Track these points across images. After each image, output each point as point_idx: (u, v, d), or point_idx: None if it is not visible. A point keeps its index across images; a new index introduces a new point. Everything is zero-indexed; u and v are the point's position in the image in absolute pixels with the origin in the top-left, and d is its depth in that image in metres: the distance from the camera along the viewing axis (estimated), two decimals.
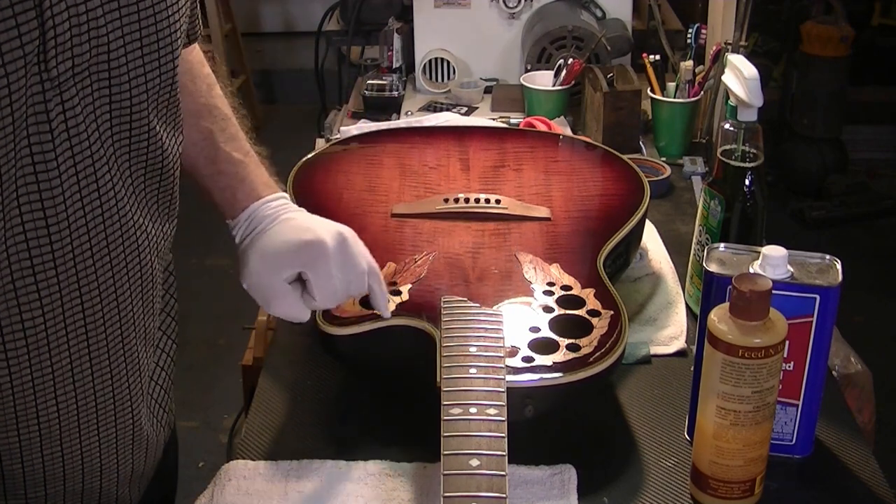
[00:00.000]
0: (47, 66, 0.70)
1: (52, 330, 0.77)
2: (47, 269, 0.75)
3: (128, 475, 0.91)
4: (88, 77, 0.74)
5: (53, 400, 0.80)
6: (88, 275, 0.78)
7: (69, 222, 0.75)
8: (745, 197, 1.16)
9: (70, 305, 0.78)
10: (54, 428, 0.81)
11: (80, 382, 0.81)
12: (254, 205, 0.98)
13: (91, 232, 0.77)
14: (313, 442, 1.05)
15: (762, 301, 0.87)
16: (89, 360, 0.81)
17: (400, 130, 1.55)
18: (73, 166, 0.74)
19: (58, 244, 0.75)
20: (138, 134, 0.81)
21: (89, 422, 0.84)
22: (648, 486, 0.98)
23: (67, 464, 0.84)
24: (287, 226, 0.97)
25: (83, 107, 0.74)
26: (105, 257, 0.79)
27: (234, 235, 0.99)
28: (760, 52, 3.55)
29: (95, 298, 0.79)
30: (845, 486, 0.99)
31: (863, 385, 1.82)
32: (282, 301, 0.94)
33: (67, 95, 0.73)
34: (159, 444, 0.96)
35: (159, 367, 0.96)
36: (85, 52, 0.72)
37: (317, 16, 2.63)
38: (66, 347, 0.79)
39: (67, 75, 0.72)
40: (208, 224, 1.02)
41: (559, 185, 1.31)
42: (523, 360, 0.97)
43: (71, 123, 0.73)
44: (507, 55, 2.07)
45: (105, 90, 0.76)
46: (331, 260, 0.93)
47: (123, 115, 0.79)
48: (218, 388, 2.71)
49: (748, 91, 1.16)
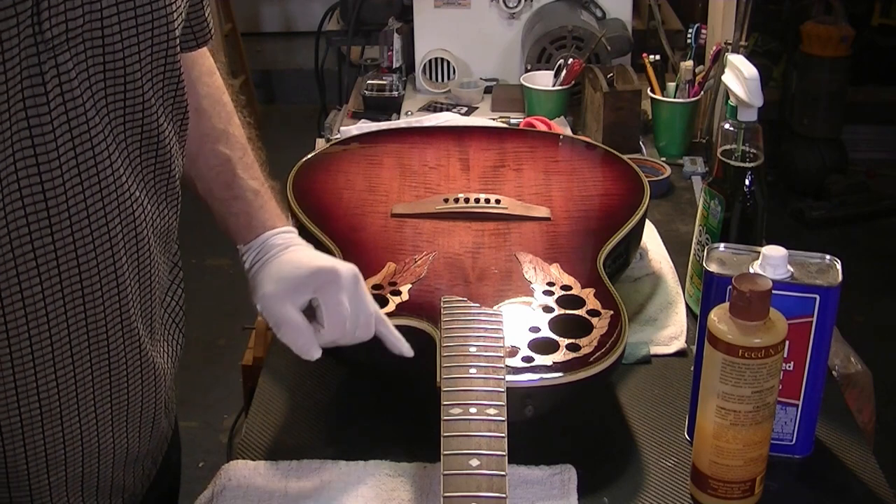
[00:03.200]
0: (41, 27, 0.71)
1: (51, 300, 0.78)
2: (44, 237, 0.76)
3: (123, 456, 0.91)
4: (83, 43, 0.75)
5: (53, 375, 0.80)
6: (86, 244, 0.79)
7: (66, 188, 0.76)
8: (745, 197, 1.16)
9: (68, 275, 0.78)
10: (54, 405, 0.82)
11: (79, 357, 0.82)
12: (266, 233, 1.01)
13: (88, 200, 0.78)
14: (313, 442, 1.05)
15: (762, 301, 0.87)
16: (87, 335, 0.82)
17: (400, 130, 1.55)
18: (69, 130, 0.75)
19: (54, 210, 0.76)
20: (133, 104, 0.81)
21: (86, 398, 0.84)
22: (648, 486, 0.98)
23: (69, 445, 0.85)
24: (300, 254, 0.99)
25: (78, 72, 0.75)
26: (103, 227, 0.80)
27: (244, 261, 1.01)
28: (760, 52, 3.55)
29: (93, 269, 0.80)
30: (845, 486, 0.99)
31: (863, 385, 1.82)
32: (293, 329, 0.94)
33: (62, 59, 0.73)
34: (156, 426, 0.96)
35: (166, 353, 0.96)
36: (78, 16, 0.73)
37: (317, 16, 2.63)
38: (63, 319, 0.79)
39: (61, 38, 0.73)
40: (208, 224, 1.02)
41: (559, 185, 1.31)
42: (523, 360, 0.97)
43: (66, 87, 0.74)
44: (507, 55, 2.07)
45: (99, 56, 0.77)
46: (343, 288, 0.95)
47: (118, 84, 0.79)
48: (218, 388, 2.71)
49: (748, 91, 1.16)
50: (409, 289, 1.07)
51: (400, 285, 1.08)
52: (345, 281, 0.95)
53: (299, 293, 0.95)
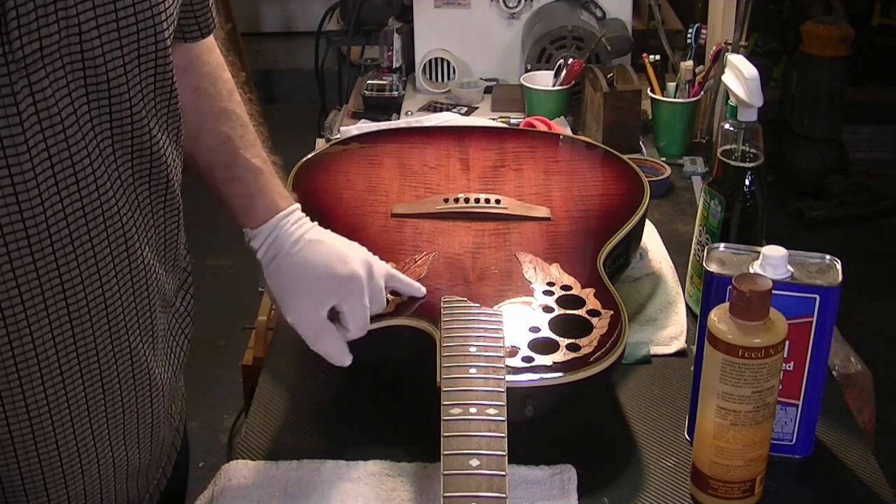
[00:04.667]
0: (11, 47, 0.68)
1: (34, 320, 0.76)
2: (24, 256, 0.74)
3: (124, 469, 0.90)
4: (60, 59, 0.72)
5: (42, 392, 0.79)
6: (69, 261, 0.77)
7: (44, 208, 0.74)
8: (745, 197, 1.16)
9: (52, 294, 0.77)
10: (46, 422, 0.80)
11: (68, 373, 0.80)
12: (275, 217, 1.01)
13: (69, 218, 0.76)
14: (313, 442, 1.05)
15: (762, 301, 0.87)
16: (76, 351, 0.80)
17: (400, 130, 1.55)
18: (46, 150, 0.73)
19: (33, 230, 0.74)
20: (120, 118, 0.79)
21: (80, 414, 0.83)
22: (648, 486, 0.98)
23: (65, 461, 0.83)
24: (315, 252, 1.00)
25: (54, 90, 0.72)
26: (86, 244, 0.78)
27: (251, 245, 1.01)
28: (760, 52, 3.55)
29: (78, 287, 0.78)
30: (845, 486, 0.99)
31: (863, 385, 1.82)
32: (327, 341, 0.99)
33: (36, 78, 0.71)
34: (156, 435, 0.95)
35: (168, 361, 0.95)
36: (54, 32, 0.71)
37: (317, 16, 2.63)
38: (50, 338, 0.78)
39: (35, 56, 0.70)
40: (208, 224, 1.02)
41: (559, 185, 1.31)
42: (523, 360, 0.97)
43: (41, 106, 0.71)
44: (507, 55, 2.07)
45: (79, 72, 0.74)
46: (365, 292, 0.99)
47: (102, 99, 0.77)
48: (218, 388, 2.71)
49: (748, 91, 1.16)
50: None
51: None
52: (366, 283, 0.99)
53: (322, 305, 0.98)
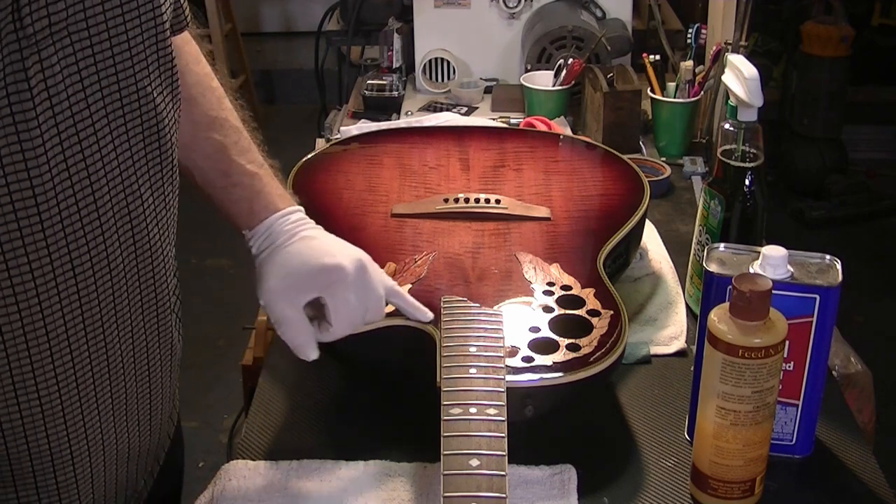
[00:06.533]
0: (22, 23, 0.70)
1: (45, 297, 0.77)
2: (35, 233, 0.75)
3: (126, 452, 0.91)
4: (68, 36, 0.74)
5: (52, 372, 0.80)
6: (77, 238, 0.78)
7: (54, 184, 0.75)
8: (745, 197, 1.16)
9: (62, 270, 0.78)
10: (55, 402, 0.81)
11: (77, 353, 0.81)
12: (272, 217, 1.00)
13: (78, 195, 0.77)
14: (313, 442, 1.05)
15: (762, 301, 0.87)
16: (84, 332, 0.81)
17: (400, 130, 1.55)
18: (55, 126, 0.74)
19: (44, 206, 0.75)
20: (129, 94, 0.81)
21: (88, 394, 0.84)
22: (648, 486, 0.98)
23: (73, 442, 0.84)
24: (307, 245, 0.98)
25: (63, 66, 0.74)
26: (95, 221, 0.79)
27: (250, 247, 1.00)
28: (760, 52, 3.55)
29: (87, 264, 0.79)
30: (845, 486, 0.99)
31: (863, 385, 1.82)
32: (293, 328, 0.95)
33: (46, 54, 0.73)
34: (154, 417, 0.96)
35: (166, 342, 0.95)
36: (61, 9, 0.73)
37: (317, 16, 2.64)
38: (60, 316, 0.79)
39: (45, 33, 0.72)
40: (208, 224, 1.02)
41: (559, 185, 1.31)
42: (523, 360, 0.97)
43: (51, 83, 0.73)
44: (507, 55, 2.07)
45: (87, 49, 0.76)
46: (350, 286, 0.95)
47: (110, 76, 0.79)
48: (218, 388, 2.71)
49: (748, 91, 1.16)
50: (409, 289, 1.07)
51: (400, 285, 1.08)
52: (351, 277, 0.95)
53: (303, 292, 0.95)
